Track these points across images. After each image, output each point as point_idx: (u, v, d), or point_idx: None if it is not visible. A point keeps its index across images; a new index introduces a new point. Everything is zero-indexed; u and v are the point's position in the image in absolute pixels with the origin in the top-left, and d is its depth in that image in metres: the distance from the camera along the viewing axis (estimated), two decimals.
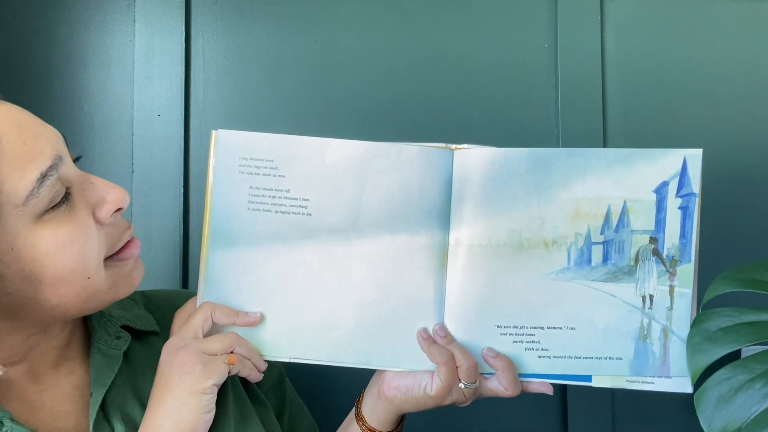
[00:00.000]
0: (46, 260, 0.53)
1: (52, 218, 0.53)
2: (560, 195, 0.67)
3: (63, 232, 0.54)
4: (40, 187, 0.52)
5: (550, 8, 1.04)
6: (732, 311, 0.65)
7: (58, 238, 0.53)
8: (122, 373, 0.63)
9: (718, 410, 0.61)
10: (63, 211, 0.54)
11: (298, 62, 1.00)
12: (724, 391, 0.61)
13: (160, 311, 0.71)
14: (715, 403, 0.61)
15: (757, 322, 0.63)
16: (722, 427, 0.60)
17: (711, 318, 0.65)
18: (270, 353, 0.67)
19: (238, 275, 0.66)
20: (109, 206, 0.57)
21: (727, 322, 0.65)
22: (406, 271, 0.67)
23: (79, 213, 0.55)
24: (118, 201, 0.58)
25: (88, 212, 0.56)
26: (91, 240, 0.56)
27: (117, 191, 0.58)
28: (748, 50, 1.06)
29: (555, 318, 0.68)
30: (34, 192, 0.52)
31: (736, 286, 0.66)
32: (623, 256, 0.68)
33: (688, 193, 0.67)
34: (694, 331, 0.66)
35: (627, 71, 1.04)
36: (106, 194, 0.57)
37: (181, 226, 0.97)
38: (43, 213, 0.53)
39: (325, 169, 0.67)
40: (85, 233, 0.55)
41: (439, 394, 0.66)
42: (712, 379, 0.63)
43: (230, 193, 0.66)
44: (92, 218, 0.56)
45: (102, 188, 0.58)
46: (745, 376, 0.61)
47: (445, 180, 0.68)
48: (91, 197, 0.57)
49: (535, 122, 1.03)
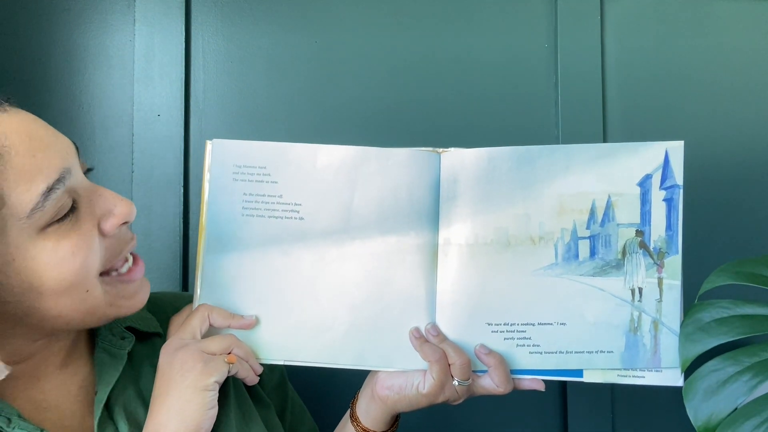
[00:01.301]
0: (46, 272, 0.53)
1: (56, 230, 0.53)
2: (544, 191, 0.68)
3: (65, 244, 0.54)
4: (46, 201, 0.52)
5: (550, 8, 1.04)
6: (727, 303, 0.66)
7: (60, 251, 0.53)
8: (126, 373, 0.63)
9: (705, 401, 0.62)
10: (67, 224, 0.54)
11: (298, 62, 1.01)
12: (712, 383, 0.62)
13: (163, 313, 0.71)
14: (703, 393, 0.62)
15: (752, 315, 0.64)
16: (707, 417, 0.61)
17: (706, 309, 0.66)
18: (265, 356, 0.68)
19: (233, 279, 0.68)
20: (115, 219, 0.57)
21: (721, 313, 0.65)
22: (397, 272, 0.68)
23: (84, 225, 0.55)
24: (125, 215, 0.58)
25: (93, 224, 0.56)
26: (94, 253, 0.56)
27: (124, 204, 0.58)
28: (748, 50, 1.06)
29: (545, 314, 0.68)
30: (39, 205, 0.52)
31: (734, 279, 0.67)
32: (610, 250, 0.68)
33: (672, 185, 0.68)
34: (687, 321, 0.66)
35: (627, 71, 1.04)
36: (114, 207, 0.58)
37: (181, 226, 0.97)
38: (47, 225, 0.53)
39: (316, 174, 0.68)
40: (89, 246, 0.55)
41: (431, 392, 0.66)
42: (701, 370, 0.63)
43: (225, 200, 0.68)
44: (97, 230, 0.57)
45: (110, 201, 0.58)
46: (733, 369, 0.62)
47: (433, 182, 0.69)
48: (98, 209, 0.57)
49: (535, 122, 1.03)
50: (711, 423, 0.60)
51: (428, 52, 1.02)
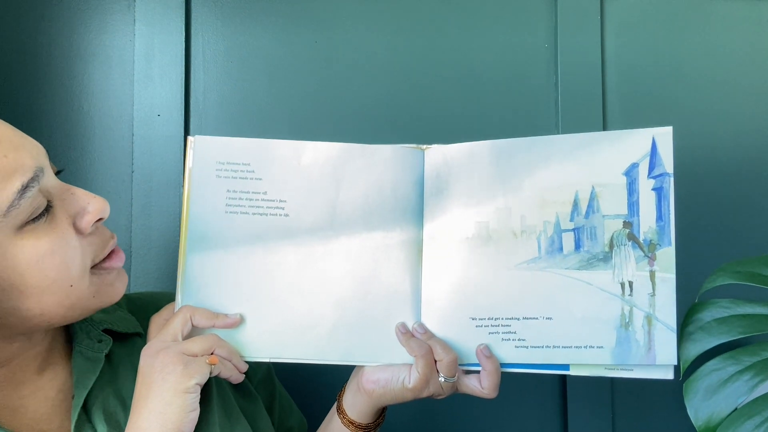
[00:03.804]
0: (27, 271, 0.54)
1: (33, 230, 0.54)
2: (524, 184, 0.67)
3: (43, 243, 0.54)
4: (21, 199, 0.53)
5: (550, 8, 1.04)
6: (727, 303, 0.65)
7: (39, 250, 0.54)
8: (104, 375, 0.64)
9: (706, 400, 0.62)
10: (43, 223, 0.55)
11: (298, 62, 1.00)
12: (712, 382, 0.62)
13: (143, 313, 0.71)
14: (703, 393, 0.62)
15: (752, 314, 0.64)
16: (708, 417, 0.61)
17: (706, 308, 0.66)
18: (251, 354, 0.68)
19: (217, 278, 0.67)
20: (90, 216, 0.58)
21: (721, 313, 0.65)
22: (382, 267, 0.68)
23: (60, 224, 0.56)
24: (99, 211, 0.58)
25: (69, 223, 0.57)
26: (73, 250, 0.56)
27: (97, 201, 0.58)
28: (748, 50, 1.06)
29: (530, 308, 0.67)
30: (15, 203, 0.52)
31: (734, 278, 0.67)
32: (596, 243, 0.66)
33: (661, 173, 0.65)
34: (688, 321, 0.66)
35: (627, 71, 1.04)
36: (87, 204, 0.58)
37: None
38: (24, 225, 0.54)
39: (301, 170, 0.68)
40: (66, 244, 0.56)
41: (416, 386, 0.67)
42: (701, 370, 0.63)
43: (207, 197, 0.67)
44: (73, 229, 0.57)
45: (83, 199, 0.58)
46: (734, 368, 0.62)
47: (417, 178, 0.69)
48: (72, 208, 0.58)
49: (535, 122, 1.03)
50: (712, 422, 0.60)
51: (428, 52, 1.02)
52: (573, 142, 0.67)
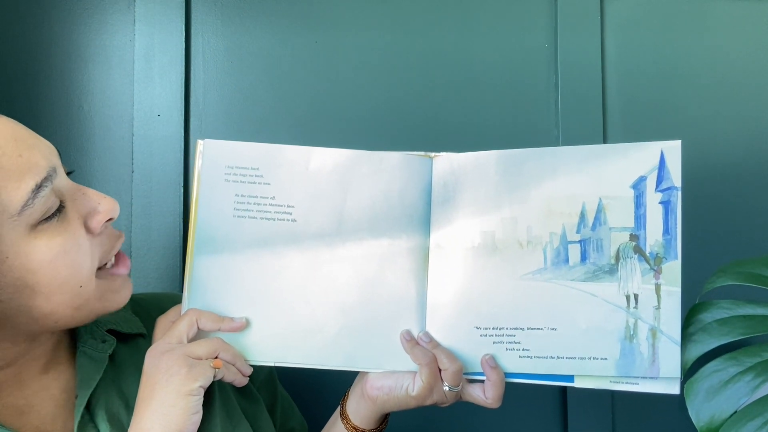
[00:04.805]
0: (40, 270, 0.54)
1: (46, 229, 0.55)
2: (531, 195, 0.67)
3: (56, 242, 0.55)
4: (35, 198, 0.53)
5: (550, 8, 1.04)
6: (728, 303, 0.65)
7: (52, 249, 0.55)
8: (108, 375, 0.64)
9: (707, 401, 0.61)
10: (56, 223, 0.55)
11: (298, 62, 1.00)
12: (714, 383, 0.62)
13: (147, 314, 0.72)
14: (705, 394, 0.62)
15: (753, 315, 0.64)
16: (709, 418, 0.61)
17: (707, 309, 0.66)
18: (255, 357, 0.67)
19: (224, 281, 0.67)
20: (100, 216, 0.59)
21: (722, 314, 0.65)
22: (388, 274, 0.68)
23: (71, 224, 0.57)
24: (109, 211, 0.59)
25: (80, 223, 0.58)
26: (83, 250, 0.57)
27: (108, 201, 0.59)
28: (748, 50, 1.06)
29: (535, 319, 0.67)
30: (29, 203, 0.53)
31: (735, 279, 0.67)
32: (602, 255, 0.66)
33: (669, 187, 0.65)
34: (688, 322, 0.66)
35: (627, 71, 1.04)
36: (98, 204, 0.59)
37: (181, 226, 0.97)
38: (37, 224, 0.54)
39: (309, 176, 0.68)
40: (78, 243, 0.57)
41: (420, 394, 0.67)
42: (703, 371, 0.63)
43: (216, 201, 0.68)
44: (84, 228, 0.58)
45: (94, 199, 0.59)
46: (735, 369, 0.62)
47: (424, 186, 0.69)
48: (83, 208, 0.58)
49: (535, 122, 1.03)
50: (713, 424, 0.60)
51: (428, 53, 1.02)
52: (581, 153, 0.67)
